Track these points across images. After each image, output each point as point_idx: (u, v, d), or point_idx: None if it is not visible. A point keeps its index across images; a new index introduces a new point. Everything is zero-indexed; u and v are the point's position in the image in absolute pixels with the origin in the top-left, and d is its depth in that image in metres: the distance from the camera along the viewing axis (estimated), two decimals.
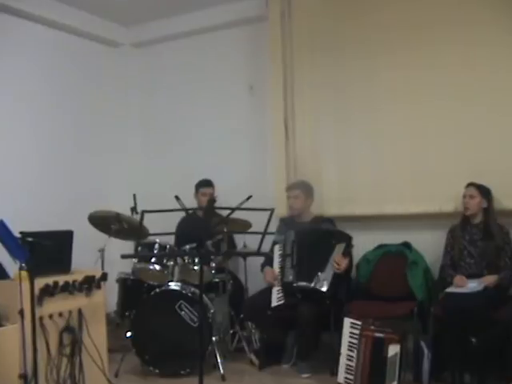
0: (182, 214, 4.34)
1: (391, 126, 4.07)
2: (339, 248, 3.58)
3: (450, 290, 3.43)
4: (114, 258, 3.67)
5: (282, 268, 3.71)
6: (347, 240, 3.64)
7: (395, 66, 4.05)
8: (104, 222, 3.93)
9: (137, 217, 4.12)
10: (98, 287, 3.09)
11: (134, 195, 4.48)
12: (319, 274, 3.53)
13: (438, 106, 3.89)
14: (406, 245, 3.93)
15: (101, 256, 3.94)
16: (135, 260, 3.93)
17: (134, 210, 4.40)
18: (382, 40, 4.09)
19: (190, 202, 4.30)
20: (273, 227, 3.72)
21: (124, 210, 4.23)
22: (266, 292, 3.72)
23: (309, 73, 4.37)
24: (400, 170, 4.04)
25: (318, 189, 4.14)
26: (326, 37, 4.31)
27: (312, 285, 3.53)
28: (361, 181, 4.19)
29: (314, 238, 3.71)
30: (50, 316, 2.81)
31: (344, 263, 3.54)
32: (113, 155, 5.18)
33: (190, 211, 4.15)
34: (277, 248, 3.82)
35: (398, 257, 3.87)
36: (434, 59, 3.90)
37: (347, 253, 3.59)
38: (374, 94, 4.13)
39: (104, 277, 3.14)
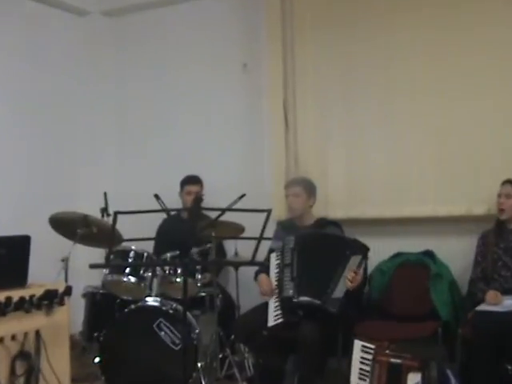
0: (163, 216, 4.40)
1: (410, 115, 4.07)
2: (354, 260, 3.52)
3: (481, 307, 3.40)
4: (81, 268, 3.64)
5: (280, 280, 3.65)
6: (364, 251, 3.58)
7: (416, 46, 4.04)
8: (69, 226, 3.88)
9: (108, 219, 4.13)
10: (61, 304, 3.09)
11: (105, 194, 4.41)
12: (328, 290, 3.47)
13: (467, 91, 3.91)
14: (429, 253, 3.92)
15: (64, 266, 3.84)
16: (106, 271, 3.89)
17: (104, 211, 4.37)
18: (401, 14, 4.08)
19: (174, 202, 4.30)
20: (270, 232, 3.71)
21: (93, 211, 4.18)
22: (262, 309, 3.67)
23: (313, 51, 4.35)
24: (421, 165, 4.03)
25: (322, 187, 4.12)
26: (333, 9, 4.28)
27: (319, 302, 3.47)
28: (374, 178, 4.19)
29: (319, 245, 3.68)
30: (1, 339, 2.77)
31: (358, 279, 3.49)
32: (80, 146, 5.11)
33: (173, 212, 4.26)
34: (273, 257, 3.77)
35: (418, 268, 3.86)
36: (460, 40, 3.93)
37: (362, 267, 3.54)
38: (390, 78, 4.12)
39: (68, 291, 3.14)
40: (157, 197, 3.78)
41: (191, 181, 4.40)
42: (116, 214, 2.73)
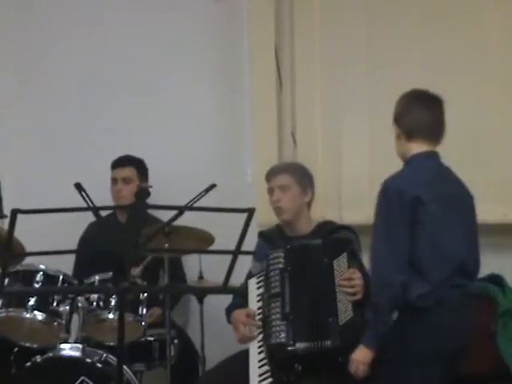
0: (90, 217, 4.12)
1: (468, 75, 4.20)
2: (339, 263, 3.56)
3: None
4: None
5: (266, 319, 3.59)
6: (345, 246, 3.64)
7: None
8: None
9: (3, 222, 3.93)
10: None
11: None
12: (330, 320, 3.45)
13: None
14: (495, 279, 3.97)
15: None
16: None
17: None
18: None
19: (109, 198, 4.44)
20: (252, 243, 3.72)
21: None
22: (239, 361, 3.63)
23: None
24: (482, 147, 4.14)
25: (334, 179, 4.29)
26: None
27: (334, 342, 3.39)
28: None
29: (310, 262, 3.71)
30: None
31: (359, 283, 3.50)
32: None
33: (104, 213, 4.29)
34: (253, 283, 3.76)
35: (479, 301, 3.74)
36: None
37: (355, 265, 3.59)
38: (443, 16, 4.23)
39: None
40: (79, 187, 3.57)
41: (116, 163, 4.47)
42: (15, 213, 2.55)
